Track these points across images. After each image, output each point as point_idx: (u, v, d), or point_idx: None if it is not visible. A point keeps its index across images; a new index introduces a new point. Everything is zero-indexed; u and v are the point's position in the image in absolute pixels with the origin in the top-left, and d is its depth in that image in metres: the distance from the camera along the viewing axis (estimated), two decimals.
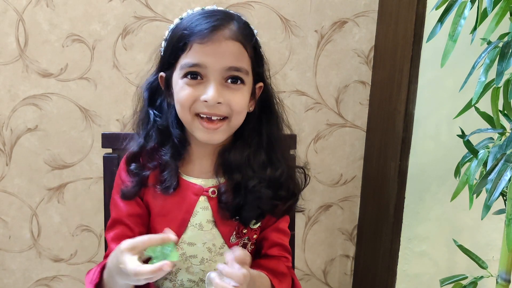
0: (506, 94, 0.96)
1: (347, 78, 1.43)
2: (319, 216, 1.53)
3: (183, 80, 0.82)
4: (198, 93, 0.81)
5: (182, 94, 0.82)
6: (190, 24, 0.82)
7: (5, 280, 1.47)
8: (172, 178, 0.86)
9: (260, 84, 0.90)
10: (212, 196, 0.88)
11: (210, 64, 0.80)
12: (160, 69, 0.89)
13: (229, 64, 0.81)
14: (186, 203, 0.88)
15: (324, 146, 1.48)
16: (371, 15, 1.39)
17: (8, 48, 1.32)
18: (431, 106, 1.27)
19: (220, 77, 0.81)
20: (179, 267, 0.92)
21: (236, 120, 0.85)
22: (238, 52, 0.82)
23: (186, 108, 0.82)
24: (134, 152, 0.89)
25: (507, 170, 0.83)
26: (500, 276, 1.07)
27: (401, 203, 1.32)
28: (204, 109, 0.82)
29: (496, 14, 0.92)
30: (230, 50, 0.81)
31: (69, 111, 1.37)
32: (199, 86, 0.82)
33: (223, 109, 0.82)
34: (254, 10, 1.35)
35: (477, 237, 1.36)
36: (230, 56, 0.81)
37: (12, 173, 1.40)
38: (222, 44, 0.80)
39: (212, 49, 0.80)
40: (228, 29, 0.81)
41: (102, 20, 1.32)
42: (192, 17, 0.84)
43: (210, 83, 0.81)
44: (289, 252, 0.97)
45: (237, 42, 0.82)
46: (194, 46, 0.81)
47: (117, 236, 0.89)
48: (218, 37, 0.80)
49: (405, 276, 1.38)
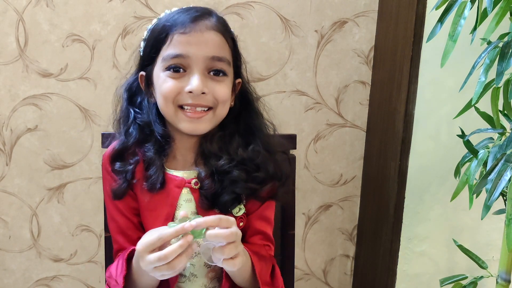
0: (506, 94, 0.96)
1: (347, 78, 1.43)
2: (319, 216, 1.53)
3: (166, 73, 0.82)
4: (182, 84, 0.82)
5: (165, 86, 0.82)
6: (170, 18, 0.83)
7: (5, 280, 1.47)
8: (158, 175, 0.86)
9: (238, 80, 0.90)
10: (194, 188, 0.88)
11: (193, 54, 0.81)
12: (140, 68, 0.89)
13: (212, 54, 0.81)
14: (170, 197, 0.88)
15: (324, 146, 1.48)
16: (371, 15, 1.39)
17: (8, 48, 1.32)
18: (431, 106, 1.27)
19: (203, 67, 0.82)
20: None
21: (221, 110, 0.85)
22: (220, 42, 0.83)
23: (170, 100, 0.82)
24: (117, 150, 0.89)
25: (507, 170, 0.83)
26: (500, 276, 1.07)
27: (401, 203, 1.32)
28: (189, 100, 0.82)
29: (496, 14, 0.92)
30: (212, 39, 0.82)
31: (69, 111, 1.37)
32: (182, 78, 0.82)
33: (208, 99, 0.83)
34: (254, 10, 1.35)
35: (477, 237, 1.36)
36: (213, 45, 0.82)
37: (12, 173, 1.40)
38: (204, 34, 0.81)
39: (195, 39, 0.80)
40: (209, 20, 0.83)
41: (102, 20, 1.32)
42: (171, 13, 0.86)
43: (194, 74, 0.81)
44: (272, 241, 0.95)
45: (218, 33, 0.83)
46: (176, 37, 0.81)
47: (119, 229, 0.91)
48: (200, 27, 0.81)
49: (405, 276, 1.38)
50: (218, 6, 1.33)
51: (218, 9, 1.31)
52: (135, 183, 0.88)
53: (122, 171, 0.88)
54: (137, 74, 0.89)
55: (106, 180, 0.92)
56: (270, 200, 0.93)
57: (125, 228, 0.90)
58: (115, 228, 0.92)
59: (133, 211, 0.91)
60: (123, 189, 0.88)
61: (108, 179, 0.91)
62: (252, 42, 1.36)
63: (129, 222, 0.91)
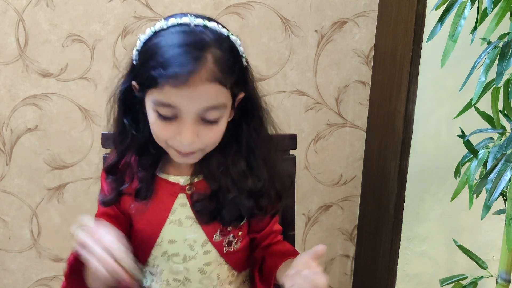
0: (506, 94, 0.96)
1: (347, 78, 1.43)
2: (319, 216, 1.53)
3: (156, 114, 0.77)
4: (172, 130, 0.77)
5: (155, 128, 0.79)
6: (162, 56, 0.73)
7: (5, 280, 1.47)
8: (150, 190, 0.86)
9: (240, 96, 0.82)
10: (189, 193, 0.88)
11: (185, 107, 0.74)
12: (132, 78, 0.82)
13: (206, 105, 0.75)
14: (164, 201, 0.87)
15: (324, 146, 1.48)
16: (371, 15, 1.39)
17: (8, 48, 1.32)
18: (431, 106, 1.27)
19: (195, 116, 0.76)
20: (163, 268, 0.91)
21: (211, 148, 0.82)
22: (216, 93, 0.75)
23: (162, 142, 0.80)
24: (111, 165, 0.88)
25: (507, 170, 0.83)
26: (500, 276, 1.07)
27: (401, 203, 1.32)
28: (180, 147, 0.79)
29: (496, 14, 0.92)
30: (207, 92, 0.74)
31: (69, 111, 1.37)
32: (172, 123, 0.77)
33: (199, 145, 0.79)
34: (254, 10, 1.35)
35: (477, 237, 1.36)
36: (207, 98, 0.74)
37: (12, 173, 1.40)
38: (198, 88, 0.72)
39: (188, 93, 0.72)
40: (205, 68, 0.72)
41: (102, 20, 1.32)
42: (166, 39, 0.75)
43: (184, 123, 0.76)
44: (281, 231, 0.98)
45: (215, 84, 0.73)
46: (167, 88, 0.72)
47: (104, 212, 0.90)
48: (194, 81, 0.71)
49: (405, 276, 1.38)
50: (218, 6, 1.33)
51: (218, 9, 1.33)
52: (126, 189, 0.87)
53: (114, 188, 0.88)
54: (130, 82, 0.83)
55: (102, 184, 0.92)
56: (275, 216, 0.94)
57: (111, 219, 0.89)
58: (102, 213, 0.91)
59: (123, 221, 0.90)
60: (113, 200, 0.88)
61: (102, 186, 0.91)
62: (252, 42, 1.36)
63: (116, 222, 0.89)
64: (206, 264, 0.90)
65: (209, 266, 0.90)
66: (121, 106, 0.85)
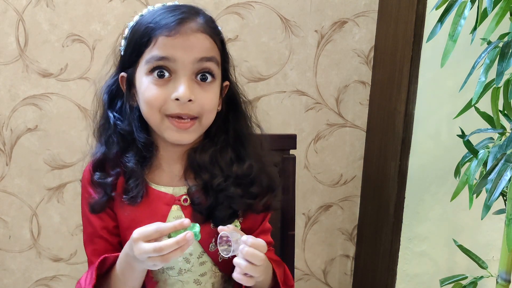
0: (506, 94, 0.96)
1: (347, 78, 1.43)
2: (319, 216, 1.53)
3: (149, 78, 0.78)
4: (167, 91, 0.77)
5: (149, 94, 0.78)
6: (154, 18, 0.78)
7: (5, 280, 1.47)
8: (139, 187, 0.82)
9: (226, 83, 0.87)
10: (184, 205, 0.85)
11: (180, 58, 0.76)
12: (120, 69, 0.84)
13: (200, 55, 0.77)
14: (158, 214, 0.84)
15: (324, 146, 1.47)
16: (371, 15, 1.39)
17: (8, 48, 1.32)
18: (431, 106, 1.27)
19: (190, 72, 0.78)
20: (156, 279, 0.89)
21: (207, 119, 0.82)
22: (208, 43, 0.79)
23: (156, 109, 0.78)
24: (97, 160, 0.86)
25: (507, 170, 0.83)
26: (500, 276, 1.07)
27: (401, 203, 1.32)
28: (176, 109, 0.78)
29: (496, 14, 0.92)
30: (200, 42, 0.78)
31: (69, 111, 1.37)
32: (167, 84, 0.77)
33: (195, 108, 0.79)
34: (254, 10, 1.35)
35: (477, 237, 1.36)
36: (200, 48, 0.78)
37: (12, 173, 1.40)
38: (190, 37, 0.77)
39: (181, 42, 0.76)
40: (195, 21, 0.78)
41: (102, 20, 1.32)
42: (154, 12, 0.81)
43: (180, 79, 0.77)
44: (272, 245, 0.96)
45: (206, 34, 0.79)
46: (161, 40, 0.76)
47: (97, 252, 0.86)
48: (186, 29, 0.77)
49: (405, 276, 1.38)
50: (218, 6, 1.33)
51: (218, 9, 1.33)
52: (116, 200, 0.84)
53: (101, 183, 0.84)
54: (117, 75, 0.84)
55: (84, 198, 0.88)
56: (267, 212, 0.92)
57: (102, 251, 0.86)
58: (92, 250, 0.87)
59: (112, 231, 0.87)
60: (102, 202, 0.84)
61: (86, 197, 0.87)
62: (252, 42, 1.36)
63: (108, 244, 0.87)
64: (201, 274, 0.89)
65: (204, 276, 0.89)
66: (106, 100, 0.86)
